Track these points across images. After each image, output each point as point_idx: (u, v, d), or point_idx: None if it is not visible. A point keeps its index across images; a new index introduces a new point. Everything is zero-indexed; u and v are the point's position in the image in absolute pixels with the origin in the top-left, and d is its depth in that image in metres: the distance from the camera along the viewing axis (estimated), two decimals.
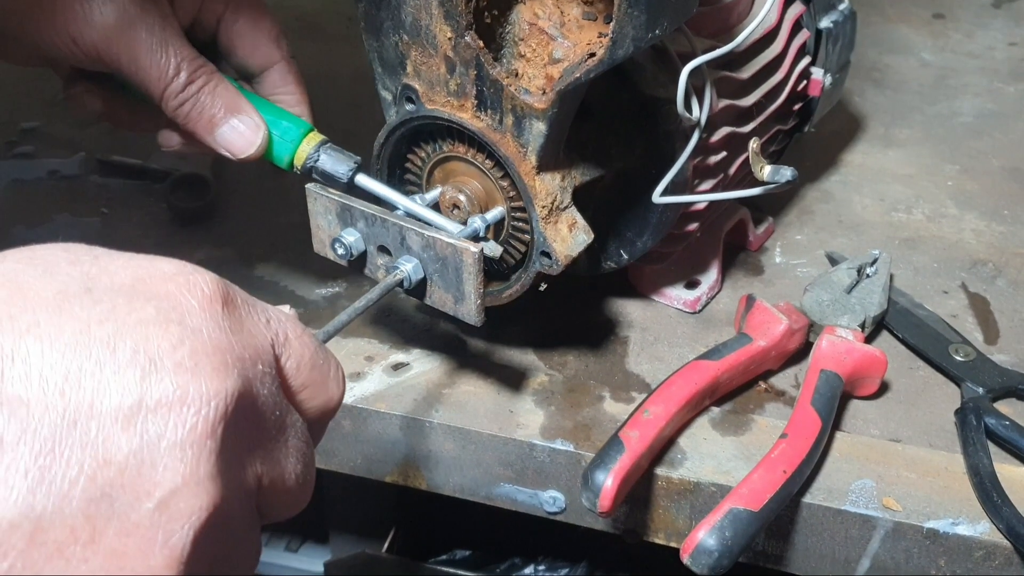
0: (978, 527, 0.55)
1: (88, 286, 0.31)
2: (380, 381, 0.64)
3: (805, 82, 0.74)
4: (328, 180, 0.59)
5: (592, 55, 0.50)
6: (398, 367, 0.65)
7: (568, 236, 0.56)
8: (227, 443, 0.31)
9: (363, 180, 0.59)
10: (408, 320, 0.69)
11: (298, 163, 0.60)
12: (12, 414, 0.28)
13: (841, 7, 0.77)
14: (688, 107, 0.56)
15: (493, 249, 0.57)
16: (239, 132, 0.58)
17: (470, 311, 0.54)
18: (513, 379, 0.64)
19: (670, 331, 0.69)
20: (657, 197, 0.58)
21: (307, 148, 0.60)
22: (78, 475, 0.29)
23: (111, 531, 0.29)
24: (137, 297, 0.32)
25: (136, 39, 0.55)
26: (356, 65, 0.94)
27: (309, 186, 0.57)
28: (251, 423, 0.33)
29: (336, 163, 0.59)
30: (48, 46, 0.56)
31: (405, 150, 0.61)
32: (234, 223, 0.79)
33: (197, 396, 0.31)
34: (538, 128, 0.54)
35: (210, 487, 0.31)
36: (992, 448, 0.59)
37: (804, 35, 0.73)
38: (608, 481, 0.54)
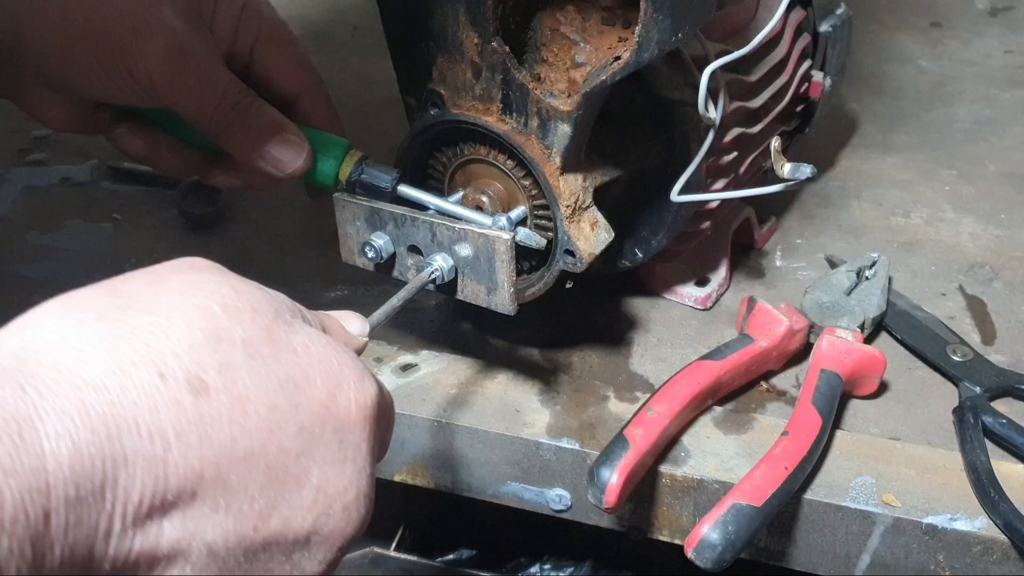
0: (976, 523, 0.56)
1: (296, 402, 0.34)
2: (389, 382, 0.65)
3: (807, 84, 0.76)
4: (372, 192, 0.61)
5: (617, 58, 0.52)
6: (406, 368, 0.66)
7: (591, 235, 0.58)
8: None
9: (405, 189, 0.61)
10: (416, 322, 0.70)
11: (343, 179, 0.61)
12: (216, 539, 0.32)
13: (839, 12, 0.78)
14: (705, 109, 0.58)
15: (528, 237, 0.58)
16: (284, 149, 0.60)
17: (504, 300, 0.55)
18: (519, 379, 0.65)
19: (673, 332, 0.70)
20: (675, 196, 0.60)
21: (350, 164, 0.61)
22: None
23: None
24: (327, 428, 0.35)
25: (186, 68, 0.57)
26: (363, 73, 0.96)
27: (337, 195, 0.59)
28: None
29: (379, 176, 0.61)
30: (103, 85, 0.58)
31: (427, 155, 0.63)
32: (243, 228, 0.80)
33: (342, 540, 0.36)
34: (563, 130, 0.55)
35: None
36: (989, 446, 0.60)
37: (805, 39, 0.75)
38: (613, 477, 0.55)
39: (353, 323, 0.45)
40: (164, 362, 0.31)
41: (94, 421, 0.29)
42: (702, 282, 0.72)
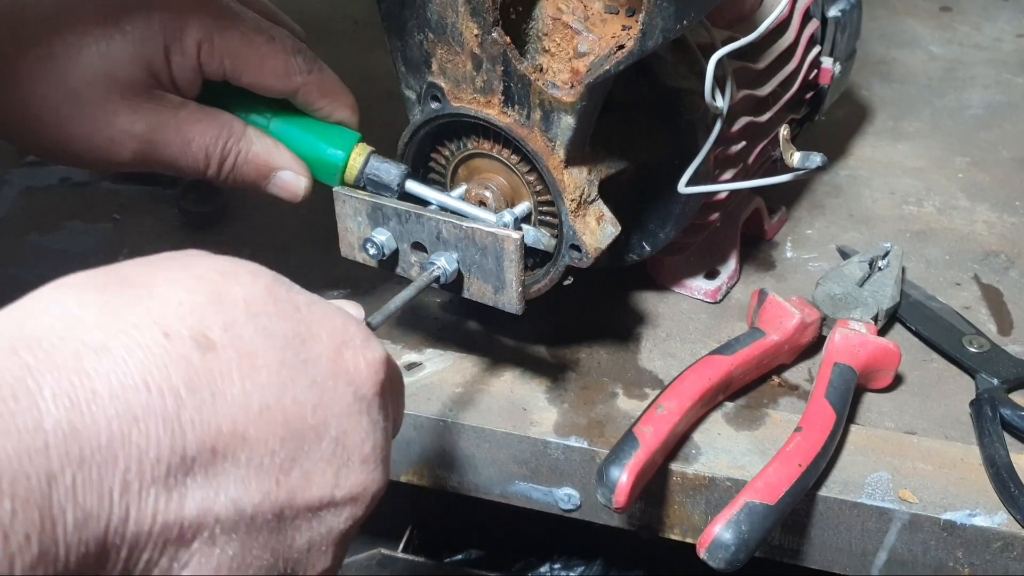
0: (995, 518, 0.55)
1: (304, 358, 0.34)
2: None
3: (816, 71, 0.75)
4: (379, 190, 0.60)
5: (621, 47, 0.51)
6: (411, 367, 0.65)
7: (597, 229, 0.57)
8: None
9: (412, 186, 0.59)
10: (421, 321, 0.69)
11: (349, 180, 0.60)
12: (241, 496, 0.31)
13: None
14: (712, 97, 0.57)
15: (536, 240, 0.57)
16: (282, 186, 0.61)
17: (511, 299, 0.55)
18: (526, 377, 0.64)
19: (682, 327, 0.69)
20: (683, 187, 0.59)
21: (356, 163, 0.60)
22: (274, 562, 0.33)
23: None
24: (340, 381, 0.35)
25: (164, 147, 0.58)
26: (364, 67, 0.95)
27: (337, 189, 0.58)
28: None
29: (386, 173, 0.59)
30: (88, 162, 0.59)
31: (429, 149, 0.62)
32: (244, 227, 0.79)
33: (367, 495, 0.36)
34: (567, 122, 0.54)
35: (338, 563, 0.36)
36: (1008, 439, 0.59)
37: (814, 24, 0.74)
38: (623, 477, 0.54)
39: (350, 309, 0.44)
40: (167, 323, 0.32)
41: (94, 381, 0.29)
42: (711, 275, 0.71)
